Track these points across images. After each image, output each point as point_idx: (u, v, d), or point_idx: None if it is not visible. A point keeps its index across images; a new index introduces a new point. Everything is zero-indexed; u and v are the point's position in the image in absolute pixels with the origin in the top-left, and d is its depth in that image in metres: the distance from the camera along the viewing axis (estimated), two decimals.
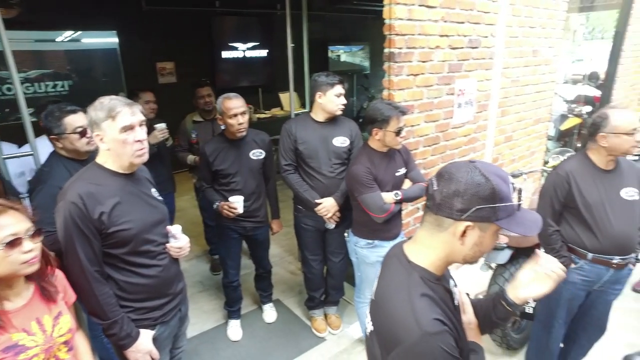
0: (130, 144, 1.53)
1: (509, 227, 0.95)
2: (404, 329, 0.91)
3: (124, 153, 1.54)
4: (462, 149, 3.21)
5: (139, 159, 1.59)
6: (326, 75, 2.46)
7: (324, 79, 2.45)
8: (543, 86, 4.01)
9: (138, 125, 1.55)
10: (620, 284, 2.20)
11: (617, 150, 1.95)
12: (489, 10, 3.14)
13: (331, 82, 2.44)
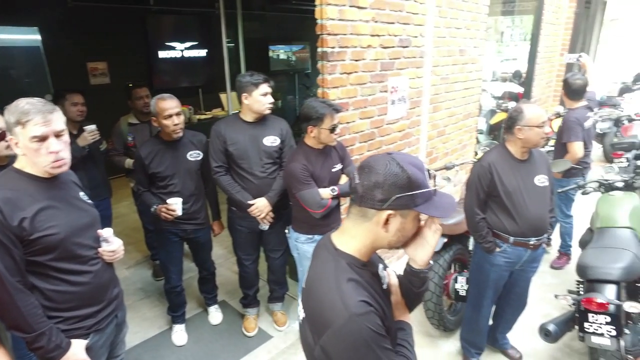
0: (43, 155, 1.45)
1: (427, 211, 1.02)
2: (333, 312, 0.97)
3: (39, 162, 1.46)
4: (398, 143, 3.35)
5: (57, 170, 1.50)
6: (250, 75, 2.45)
7: (248, 79, 2.44)
8: (471, 83, 4.28)
9: (53, 135, 1.45)
10: (537, 262, 2.43)
11: (530, 141, 2.14)
12: (417, 12, 3.31)
13: (255, 82, 2.43)
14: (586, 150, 3.49)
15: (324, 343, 0.97)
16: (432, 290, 2.73)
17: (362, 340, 0.93)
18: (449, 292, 2.88)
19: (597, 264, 2.25)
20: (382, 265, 1.23)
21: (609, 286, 2.16)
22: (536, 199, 2.20)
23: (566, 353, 2.78)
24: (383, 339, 0.97)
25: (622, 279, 2.17)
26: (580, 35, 6.74)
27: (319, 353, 1.00)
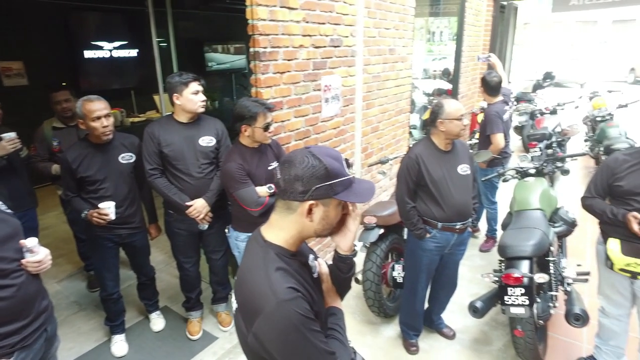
0: None
1: (347, 198, 1.10)
2: (262, 299, 1.02)
3: None
4: (333, 140, 3.46)
5: None
6: (179, 75, 2.44)
7: (177, 79, 2.42)
8: (401, 81, 4.50)
9: None
10: (464, 245, 2.64)
11: (451, 133, 2.33)
12: (347, 13, 3.43)
13: (185, 81, 2.42)
14: (505, 141, 3.82)
15: (256, 330, 1.02)
16: (371, 279, 2.87)
17: (291, 324, 0.99)
18: (387, 281, 3.04)
19: (513, 243, 2.49)
20: (312, 255, 1.30)
21: (523, 262, 2.40)
22: (460, 187, 2.39)
23: (492, 326, 3.04)
24: (312, 322, 1.03)
25: (533, 255, 2.41)
26: (498, 37, 7.29)
27: (252, 340, 1.04)
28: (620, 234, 2.18)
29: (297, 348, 1.00)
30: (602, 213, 2.22)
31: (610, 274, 2.28)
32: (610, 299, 2.38)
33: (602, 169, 2.30)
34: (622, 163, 2.19)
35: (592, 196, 2.32)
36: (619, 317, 2.40)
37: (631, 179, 2.12)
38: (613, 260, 2.19)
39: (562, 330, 2.95)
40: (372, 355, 2.78)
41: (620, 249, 2.16)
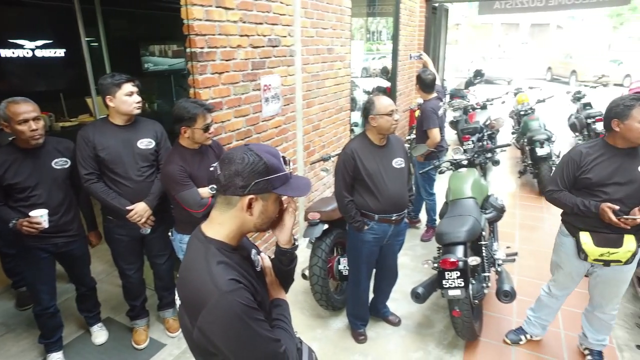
0: None
1: (285, 192, 1.15)
2: (205, 293, 1.04)
3: None
4: (274, 139, 3.48)
5: None
6: (111, 76, 2.37)
7: (109, 80, 2.35)
8: (340, 79, 4.61)
9: None
10: (402, 236, 2.78)
11: (383, 128, 2.43)
12: (284, 13, 3.46)
13: (117, 82, 2.35)
14: (441, 135, 4.04)
15: (200, 324, 1.04)
16: (317, 274, 2.93)
17: (234, 315, 1.02)
18: (334, 274, 3.11)
19: (448, 230, 2.65)
20: (255, 250, 1.33)
21: (458, 247, 2.57)
22: (395, 179, 2.51)
23: (434, 310, 3.22)
24: (255, 311, 1.06)
25: (467, 240, 2.59)
26: (432, 37, 7.66)
27: (197, 335, 1.06)
28: (588, 225, 2.27)
29: (242, 337, 1.03)
30: (573, 205, 2.25)
31: (572, 262, 2.42)
32: (560, 283, 2.56)
33: (567, 162, 2.33)
34: (586, 156, 2.25)
35: (559, 189, 2.35)
36: (560, 297, 2.62)
37: (597, 171, 2.20)
38: (587, 253, 2.27)
39: (495, 307, 3.19)
40: (322, 348, 2.85)
41: (592, 240, 2.25)
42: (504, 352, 2.80)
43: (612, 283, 2.40)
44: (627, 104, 2.09)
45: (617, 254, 2.20)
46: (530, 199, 5.46)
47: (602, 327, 2.57)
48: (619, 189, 2.15)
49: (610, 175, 2.17)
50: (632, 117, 2.06)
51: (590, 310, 2.59)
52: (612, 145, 2.21)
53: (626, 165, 2.16)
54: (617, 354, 2.77)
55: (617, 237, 2.20)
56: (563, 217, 2.48)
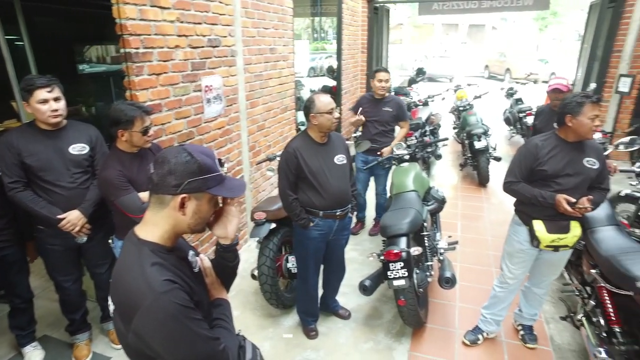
0: None
1: (219, 192, 1.17)
2: (139, 295, 1.02)
3: None
4: (218, 141, 3.44)
5: None
6: (25, 81, 2.21)
7: (22, 85, 2.19)
8: (284, 79, 4.63)
9: None
10: (347, 230, 2.84)
11: (324, 126, 2.48)
12: (224, 13, 3.42)
13: (28, 88, 2.17)
14: None
15: (135, 327, 1.02)
16: (266, 273, 2.93)
17: (170, 315, 1.01)
18: (282, 273, 3.13)
19: (392, 223, 2.75)
20: (192, 251, 1.32)
21: (401, 239, 2.67)
22: (337, 176, 2.57)
23: (383, 302, 3.32)
24: (191, 311, 1.06)
25: (409, 231, 2.70)
26: (374, 37, 7.86)
27: (133, 339, 1.04)
28: (541, 214, 2.39)
29: (178, 337, 1.03)
30: (532, 197, 2.36)
31: (525, 249, 2.54)
32: (514, 271, 2.68)
33: (525, 155, 2.43)
34: (542, 149, 2.36)
35: (518, 180, 2.44)
36: (514, 289, 2.74)
37: (552, 163, 2.33)
38: (540, 239, 2.39)
39: (440, 294, 3.35)
40: (274, 346, 2.86)
41: (545, 228, 2.39)
42: (449, 336, 2.95)
43: (554, 263, 2.61)
44: (579, 101, 2.25)
45: (566, 239, 2.38)
46: (471, 190, 5.76)
47: (535, 301, 2.79)
48: (570, 180, 2.32)
49: (563, 167, 2.33)
50: (582, 114, 2.23)
51: (528, 287, 2.79)
52: (564, 139, 2.37)
53: (575, 159, 2.34)
54: (545, 327, 3.02)
55: (566, 224, 2.38)
56: (517, 207, 2.61)
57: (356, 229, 4.42)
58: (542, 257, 2.57)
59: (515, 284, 2.71)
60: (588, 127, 2.24)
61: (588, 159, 2.32)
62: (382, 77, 3.85)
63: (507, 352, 2.82)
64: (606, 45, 6.41)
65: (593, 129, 2.24)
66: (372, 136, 3.96)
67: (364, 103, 4.00)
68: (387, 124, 4.02)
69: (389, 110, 3.99)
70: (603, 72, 6.46)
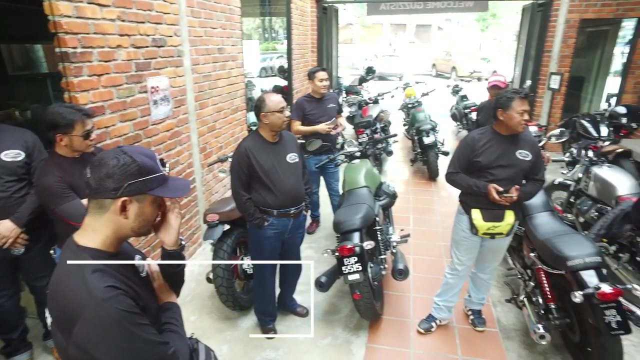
0: None
1: (162, 193, 1.15)
2: (80, 304, 0.98)
3: None
4: (167, 143, 3.35)
5: None
6: None
7: None
8: (234, 79, 4.58)
9: None
10: (302, 228, 2.87)
11: (275, 125, 2.49)
12: (168, 12, 3.34)
13: None
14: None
15: (76, 338, 0.98)
16: (221, 275, 2.90)
17: (114, 322, 0.98)
18: (238, 274, 3.11)
19: (344, 219, 2.81)
20: (139, 256, 1.29)
21: (354, 234, 2.73)
22: (290, 174, 2.59)
23: (340, 297, 3.38)
24: (137, 316, 1.03)
25: (362, 226, 2.77)
26: (324, 36, 7.95)
27: (74, 351, 0.99)
28: (479, 204, 2.53)
29: (125, 345, 1.00)
30: (468, 186, 2.51)
31: (468, 237, 2.67)
32: (461, 258, 2.81)
33: (463, 147, 2.58)
34: (478, 141, 2.51)
35: (457, 172, 2.59)
36: (463, 275, 2.87)
37: (486, 155, 2.47)
38: (478, 227, 2.54)
39: (395, 286, 3.45)
40: (233, 349, 2.83)
41: (482, 217, 2.54)
42: (405, 326, 3.05)
43: (494, 250, 2.77)
44: (508, 97, 2.41)
45: (500, 227, 2.53)
46: (422, 184, 5.97)
47: (482, 286, 2.96)
48: (503, 171, 2.47)
49: (496, 159, 2.48)
50: (512, 108, 2.38)
51: (475, 273, 2.95)
52: (498, 132, 2.52)
53: (508, 151, 2.48)
54: (492, 310, 3.20)
55: (501, 213, 2.53)
56: (460, 198, 2.75)
57: (312, 228, 4.45)
58: (484, 245, 2.73)
59: (464, 270, 2.84)
60: (517, 120, 2.39)
61: (521, 151, 2.48)
62: (322, 77, 3.89)
63: (458, 337, 2.96)
64: (538, 46, 6.87)
65: (522, 122, 2.39)
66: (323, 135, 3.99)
67: (307, 106, 3.99)
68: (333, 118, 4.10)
69: (333, 105, 4.07)
70: (537, 70, 6.92)
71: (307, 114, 3.96)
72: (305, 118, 3.98)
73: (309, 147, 3.55)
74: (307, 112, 3.96)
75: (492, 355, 2.79)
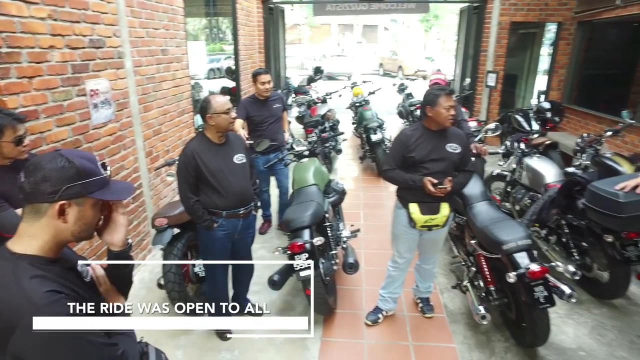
0: None
1: (103, 196, 1.13)
2: (17, 312, 0.95)
3: None
4: (110, 147, 3.24)
5: None
6: None
7: None
8: (179, 81, 4.49)
9: None
10: (252, 228, 2.89)
11: (221, 126, 2.49)
12: (106, 11, 3.22)
13: None
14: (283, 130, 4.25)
15: (14, 348, 0.95)
16: (172, 280, 2.85)
17: None
18: (190, 278, 3.07)
19: (294, 217, 2.85)
20: (82, 261, 1.26)
21: (304, 231, 2.78)
22: (237, 175, 2.59)
23: (294, 294, 3.42)
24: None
25: (311, 223, 2.82)
26: (271, 37, 7.95)
27: None
28: (416, 198, 2.62)
29: (69, 350, 0.98)
30: (404, 181, 2.60)
31: (406, 231, 2.77)
32: (401, 251, 2.91)
33: (397, 144, 2.67)
34: (410, 137, 2.61)
35: (393, 168, 2.66)
36: (405, 267, 2.98)
37: (419, 150, 2.58)
38: (415, 220, 2.64)
39: (347, 280, 3.55)
40: (188, 354, 2.79)
41: (419, 210, 2.64)
42: (358, 318, 3.15)
43: (433, 242, 2.91)
44: (435, 94, 2.54)
45: (437, 219, 2.66)
46: (371, 181, 6.14)
47: (427, 276, 3.11)
48: (435, 165, 2.59)
49: (428, 153, 2.60)
50: (439, 105, 2.52)
51: (419, 264, 3.09)
52: (428, 128, 2.65)
53: (439, 145, 2.62)
54: (440, 297, 3.38)
55: (436, 206, 2.66)
56: (397, 193, 2.85)
57: (264, 228, 4.45)
58: (423, 237, 2.86)
59: (405, 262, 2.96)
60: (444, 115, 2.54)
61: (450, 144, 2.63)
62: (264, 80, 3.92)
63: (409, 324, 3.09)
64: (475, 46, 7.28)
65: (449, 117, 2.55)
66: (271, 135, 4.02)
67: (252, 108, 3.99)
68: (280, 118, 4.15)
69: (278, 105, 4.10)
70: (475, 69, 7.32)
71: (252, 116, 3.96)
72: (251, 120, 3.98)
73: (257, 148, 3.57)
74: (252, 115, 3.96)
75: (440, 339, 2.95)
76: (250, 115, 3.96)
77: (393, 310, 3.15)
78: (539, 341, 2.64)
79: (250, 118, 3.96)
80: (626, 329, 3.01)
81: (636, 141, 5.03)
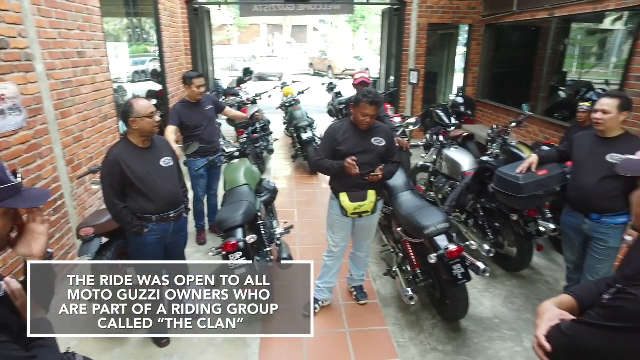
0: None
1: (15, 205, 1.10)
2: None
3: None
4: (24, 157, 3.02)
5: None
6: None
7: None
8: (100, 85, 4.27)
9: None
10: (184, 231, 2.87)
11: (145, 130, 2.46)
12: (7, 9, 2.99)
13: None
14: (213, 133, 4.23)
15: None
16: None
17: None
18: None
19: (227, 217, 2.88)
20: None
21: (237, 230, 2.82)
22: (165, 178, 2.57)
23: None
24: None
25: (244, 222, 2.87)
26: (198, 38, 7.77)
27: None
28: (345, 187, 2.79)
29: None
30: (331, 167, 2.76)
31: (340, 219, 2.92)
32: (337, 240, 3.04)
33: (326, 138, 2.85)
34: (338, 131, 2.79)
35: (322, 159, 2.83)
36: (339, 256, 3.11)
37: (346, 143, 2.75)
38: (346, 209, 2.81)
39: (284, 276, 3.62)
40: None
41: (348, 198, 2.80)
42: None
43: (365, 228, 3.07)
44: (360, 98, 2.69)
45: (365, 205, 2.83)
46: (304, 179, 6.27)
47: (361, 263, 3.28)
48: (362, 157, 2.74)
49: (355, 146, 2.76)
50: (359, 108, 2.69)
51: (353, 252, 3.25)
52: (355, 123, 2.81)
53: (364, 139, 2.79)
54: (373, 284, 3.58)
55: (363, 193, 2.82)
56: (330, 184, 2.99)
57: (203, 238, 4.33)
58: (356, 225, 3.03)
59: (340, 251, 3.11)
60: (359, 119, 2.73)
61: (375, 138, 2.82)
62: (199, 83, 3.89)
63: (345, 312, 3.24)
64: (398, 45, 7.67)
65: (364, 122, 2.72)
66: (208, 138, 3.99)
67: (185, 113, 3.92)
68: (214, 120, 4.13)
69: (211, 107, 4.09)
70: (398, 67, 7.72)
71: (185, 121, 3.89)
72: (185, 126, 3.91)
73: (186, 151, 3.53)
74: (185, 120, 3.89)
75: (374, 323, 3.13)
76: (183, 121, 3.89)
77: (329, 300, 3.28)
78: (460, 314, 2.92)
79: (184, 124, 3.89)
80: (531, 296, 3.42)
81: (537, 131, 5.65)
